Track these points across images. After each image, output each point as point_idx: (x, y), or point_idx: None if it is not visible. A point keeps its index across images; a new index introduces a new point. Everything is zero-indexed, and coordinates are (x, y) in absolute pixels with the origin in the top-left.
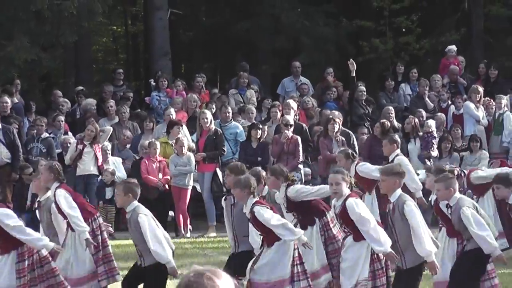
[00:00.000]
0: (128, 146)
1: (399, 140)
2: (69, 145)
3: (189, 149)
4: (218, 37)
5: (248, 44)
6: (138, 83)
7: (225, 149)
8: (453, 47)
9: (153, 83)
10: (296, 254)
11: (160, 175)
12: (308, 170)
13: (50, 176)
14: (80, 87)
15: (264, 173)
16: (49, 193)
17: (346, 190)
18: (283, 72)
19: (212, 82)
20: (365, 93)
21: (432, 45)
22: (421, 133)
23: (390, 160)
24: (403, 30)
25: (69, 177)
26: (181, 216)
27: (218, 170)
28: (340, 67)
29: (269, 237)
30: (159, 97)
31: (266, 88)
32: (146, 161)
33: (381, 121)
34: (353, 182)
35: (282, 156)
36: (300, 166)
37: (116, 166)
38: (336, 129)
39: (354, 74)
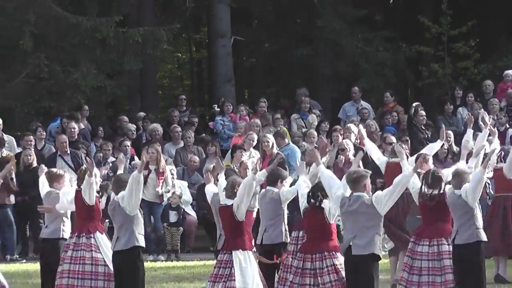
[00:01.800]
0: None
1: None
2: None
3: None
4: (280, 63)
5: (309, 69)
6: (203, 109)
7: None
8: (510, 72)
9: (217, 109)
10: None
11: None
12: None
13: None
14: (145, 113)
15: None
16: None
17: None
18: (343, 96)
19: (275, 107)
20: (425, 118)
21: (489, 70)
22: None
23: None
24: (462, 55)
25: None
26: None
27: None
28: (399, 91)
29: None
30: (223, 121)
31: (327, 112)
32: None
33: None
34: None
35: None
36: None
37: (182, 190)
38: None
39: (415, 104)
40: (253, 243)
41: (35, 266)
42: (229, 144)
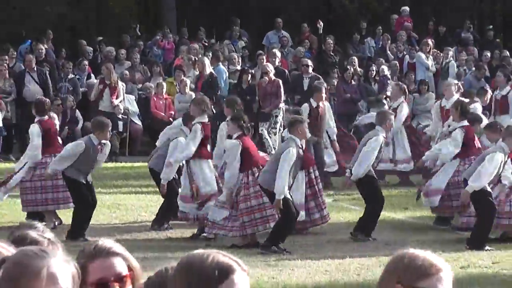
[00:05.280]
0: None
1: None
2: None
3: (190, 89)
4: None
5: (240, 3)
6: (149, 35)
7: (219, 89)
8: (407, 8)
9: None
10: None
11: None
12: (287, 106)
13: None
14: (101, 37)
15: None
16: None
17: None
18: (267, 27)
19: (209, 35)
20: (332, 45)
21: (389, 5)
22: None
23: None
24: None
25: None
26: None
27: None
28: (313, 23)
29: None
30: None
31: (254, 39)
32: (155, 99)
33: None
34: None
35: (266, 97)
36: (281, 104)
37: (130, 102)
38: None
39: (321, 32)
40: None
41: None
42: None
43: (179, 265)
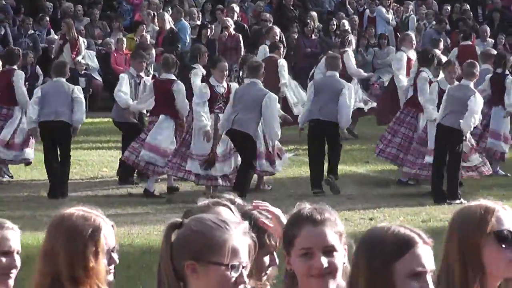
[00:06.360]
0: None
1: None
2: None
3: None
4: None
5: None
6: None
7: (180, 44)
8: None
9: None
10: None
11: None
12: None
13: None
14: None
15: None
16: None
17: None
18: None
19: None
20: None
21: None
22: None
23: None
24: None
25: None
26: None
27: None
28: None
29: None
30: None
31: None
32: (115, 54)
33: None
34: None
35: (226, 51)
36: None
37: (90, 58)
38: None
39: None
40: None
41: None
42: (128, 22)
43: (361, 239)
